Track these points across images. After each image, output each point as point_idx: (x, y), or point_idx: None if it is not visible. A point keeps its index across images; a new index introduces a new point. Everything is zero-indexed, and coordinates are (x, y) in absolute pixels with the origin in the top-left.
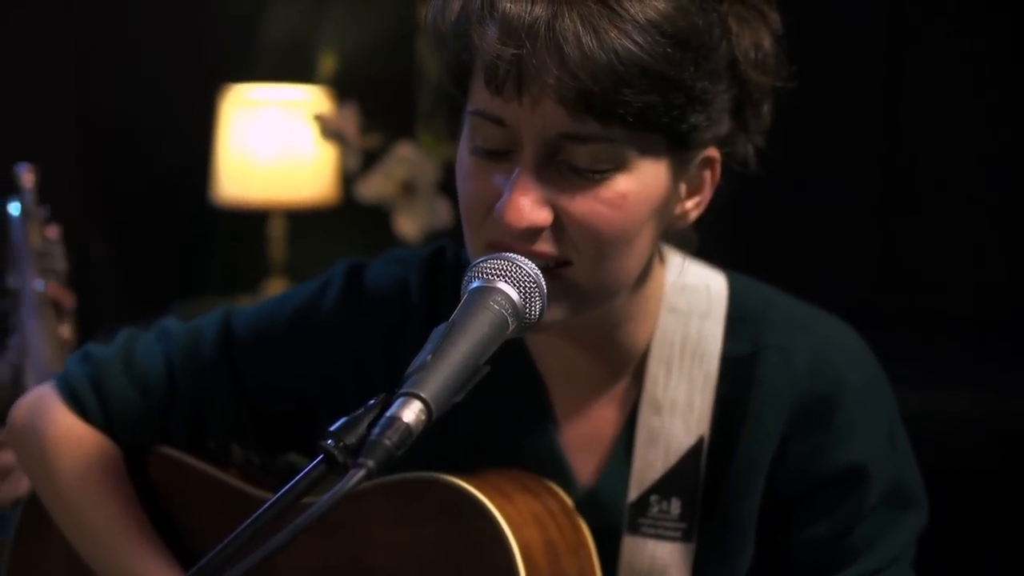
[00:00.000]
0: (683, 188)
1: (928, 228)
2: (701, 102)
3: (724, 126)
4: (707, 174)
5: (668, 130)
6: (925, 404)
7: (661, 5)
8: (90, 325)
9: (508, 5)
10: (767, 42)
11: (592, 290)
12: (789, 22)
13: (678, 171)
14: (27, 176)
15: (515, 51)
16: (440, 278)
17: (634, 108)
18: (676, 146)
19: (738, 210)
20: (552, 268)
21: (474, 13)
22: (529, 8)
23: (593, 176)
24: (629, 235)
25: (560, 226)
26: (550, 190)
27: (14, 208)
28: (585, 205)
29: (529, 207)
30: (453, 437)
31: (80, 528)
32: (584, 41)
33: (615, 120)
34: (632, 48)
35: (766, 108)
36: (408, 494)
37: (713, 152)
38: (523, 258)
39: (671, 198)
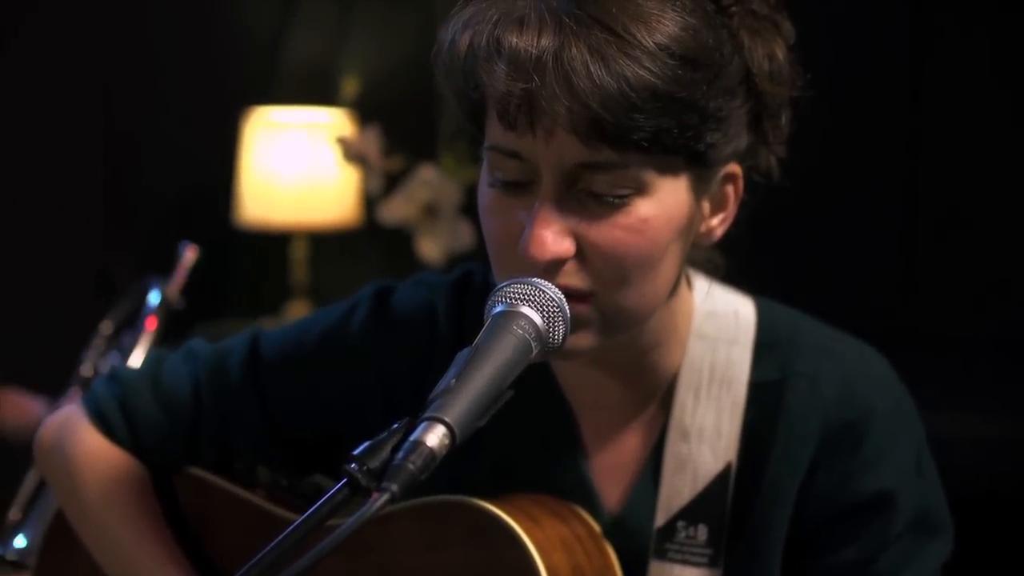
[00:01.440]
0: (706, 206)
1: (953, 250)
2: (716, 120)
3: (743, 141)
4: (730, 189)
5: (685, 151)
6: (949, 428)
7: (669, 28)
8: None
9: (514, 40)
10: (781, 52)
11: (618, 317)
12: (813, 39)
13: (699, 190)
14: (188, 256)
15: (524, 85)
16: (467, 302)
17: (648, 132)
18: (695, 166)
19: (761, 231)
20: (577, 297)
21: (481, 51)
22: (536, 41)
23: (613, 202)
24: (653, 260)
25: (584, 256)
26: (571, 220)
27: (155, 296)
28: (607, 233)
29: (551, 239)
30: (480, 462)
31: (106, 546)
32: (592, 70)
33: (630, 146)
34: (641, 73)
35: (785, 118)
36: (436, 517)
37: (734, 167)
38: (546, 283)
39: (694, 218)
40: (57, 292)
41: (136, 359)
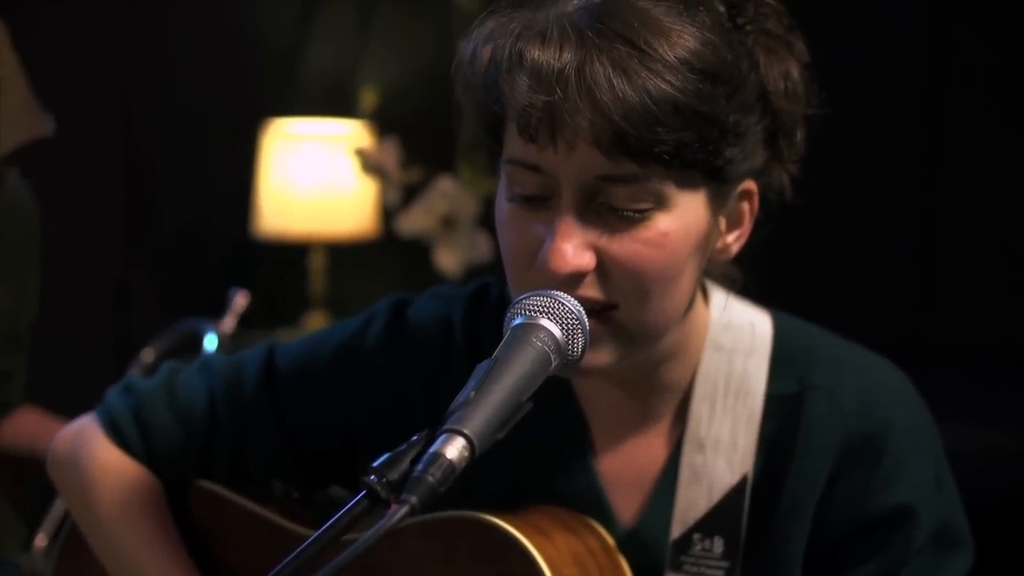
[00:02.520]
0: (723, 222)
1: (971, 264)
2: (735, 135)
3: (759, 158)
4: (745, 206)
5: (704, 165)
6: (968, 441)
7: (690, 43)
8: (131, 357)
9: (536, 53)
10: (795, 71)
11: (639, 331)
12: (831, 56)
13: (717, 206)
14: (239, 302)
15: (546, 98)
16: (483, 315)
17: (669, 146)
18: (713, 181)
19: (780, 246)
20: (598, 311)
21: (503, 64)
22: (558, 55)
23: (634, 216)
24: (673, 274)
25: (604, 269)
26: (592, 234)
27: (210, 341)
28: (628, 247)
29: (572, 252)
30: (493, 474)
31: (118, 558)
32: (615, 83)
33: (651, 159)
34: (663, 87)
35: (800, 135)
36: (447, 533)
37: (750, 184)
38: (565, 295)
39: (712, 233)
40: (75, 303)
41: None
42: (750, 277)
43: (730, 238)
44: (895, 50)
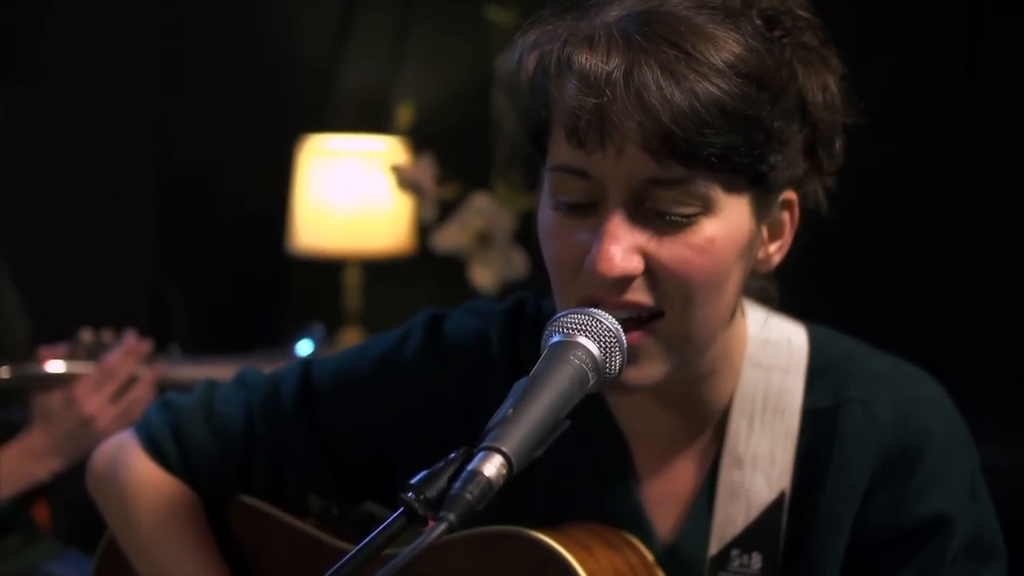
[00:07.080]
0: (765, 232)
1: (1009, 282)
2: (779, 141)
3: (799, 167)
4: (786, 216)
5: (749, 170)
6: (1002, 460)
7: (735, 48)
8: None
9: (585, 57)
10: (832, 83)
11: (684, 341)
12: (867, 68)
13: (760, 214)
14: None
15: (596, 100)
16: (520, 331)
17: (717, 149)
18: (757, 188)
19: (817, 263)
20: (645, 321)
21: (551, 68)
22: (606, 59)
23: (681, 221)
24: (718, 280)
25: (652, 274)
26: (640, 237)
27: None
28: (675, 251)
29: (620, 255)
30: (533, 491)
31: (156, 573)
32: (663, 86)
33: (699, 162)
34: (711, 90)
35: (838, 145)
36: (490, 548)
37: (791, 194)
38: (603, 312)
39: (755, 241)
40: (112, 318)
41: None
42: (787, 294)
43: (772, 248)
44: (932, 64)
